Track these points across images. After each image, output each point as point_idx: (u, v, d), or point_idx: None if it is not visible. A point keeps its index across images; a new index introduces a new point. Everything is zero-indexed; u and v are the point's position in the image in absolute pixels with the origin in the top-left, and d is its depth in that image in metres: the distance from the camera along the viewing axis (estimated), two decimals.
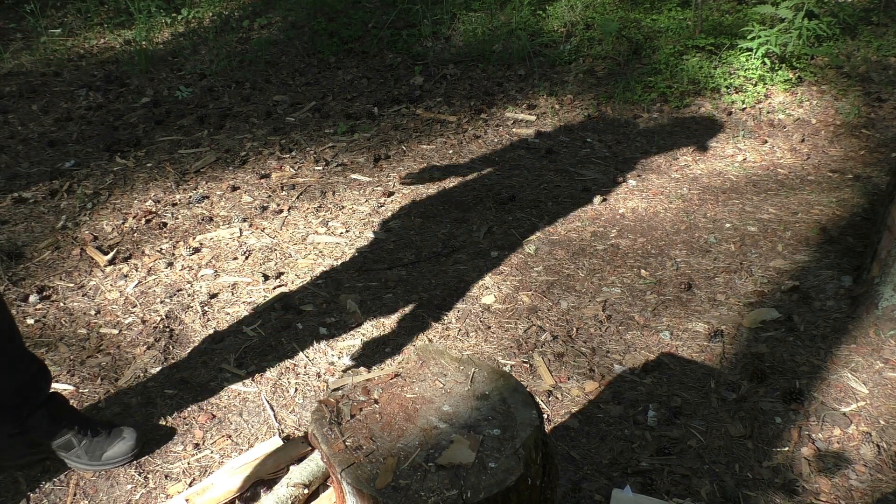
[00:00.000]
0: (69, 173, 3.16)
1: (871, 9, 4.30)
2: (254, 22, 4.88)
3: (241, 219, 2.84)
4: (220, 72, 4.15)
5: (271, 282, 2.48)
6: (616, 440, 1.84)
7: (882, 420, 1.87)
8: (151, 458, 1.84)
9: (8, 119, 3.68)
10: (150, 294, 2.43)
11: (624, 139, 3.41)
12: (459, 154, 3.31)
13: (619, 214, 2.82)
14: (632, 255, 2.58)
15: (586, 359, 2.12)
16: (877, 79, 3.73)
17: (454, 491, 1.02)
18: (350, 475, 1.06)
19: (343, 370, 2.11)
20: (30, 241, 2.70)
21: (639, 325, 2.24)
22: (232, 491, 1.71)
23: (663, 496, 1.68)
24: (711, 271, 2.47)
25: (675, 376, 2.04)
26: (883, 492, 1.68)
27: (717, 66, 3.82)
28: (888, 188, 2.26)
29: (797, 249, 2.55)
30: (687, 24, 4.17)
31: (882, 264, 2.15)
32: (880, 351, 2.09)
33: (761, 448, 1.81)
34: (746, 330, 2.20)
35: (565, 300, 2.35)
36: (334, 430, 1.14)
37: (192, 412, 1.97)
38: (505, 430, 1.12)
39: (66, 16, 5.17)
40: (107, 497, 1.74)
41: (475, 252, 2.61)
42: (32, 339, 2.22)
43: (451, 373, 1.25)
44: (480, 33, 4.33)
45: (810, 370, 2.04)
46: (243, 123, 3.60)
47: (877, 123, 3.40)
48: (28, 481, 1.77)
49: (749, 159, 3.18)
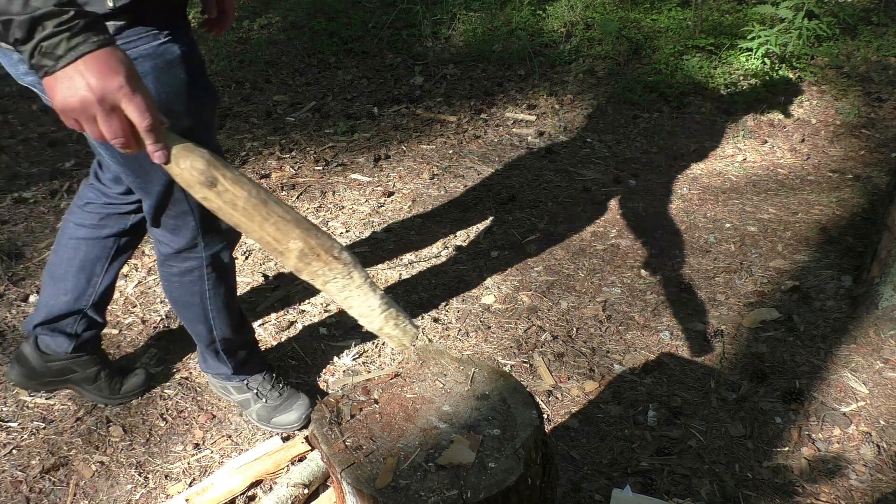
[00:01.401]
0: (69, 173, 3.16)
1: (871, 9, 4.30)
2: (254, 22, 4.88)
3: None
4: (220, 72, 4.15)
5: (271, 282, 2.48)
6: (616, 440, 1.84)
7: (882, 420, 1.87)
8: (151, 459, 1.84)
9: (8, 119, 3.68)
10: (150, 294, 2.43)
11: (624, 139, 3.41)
12: (459, 154, 3.31)
13: (619, 214, 2.82)
14: (632, 255, 2.58)
15: (586, 359, 2.12)
16: (877, 79, 3.73)
17: (454, 491, 1.02)
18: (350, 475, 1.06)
19: (343, 370, 2.11)
20: (30, 241, 2.70)
21: (639, 325, 2.24)
22: (232, 491, 1.71)
23: (663, 496, 1.68)
24: (711, 271, 2.47)
25: (675, 376, 2.04)
26: (883, 492, 1.68)
27: (717, 66, 3.82)
28: (888, 188, 2.26)
29: (797, 249, 2.55)
30: (687, 24, 4.17)
31: (882, 264, 2.15)
32: (880, 351, 2.09)
33: (761, 448, 1.81)
34: (746, 330, 2.19)
35: (565, 300, 2.35)
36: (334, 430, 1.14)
37: (192, 412, 1.97)
38: (505, 430, 1.12)
39: None
40: (107, 497, 1.74)
41: (475, 252, 2.61)
42: None
43: (451, 373, 1.25)
44: (480, 33, 4.33)
45: (810, 370, 2.04)
46: (243, 123, 3.60)
47: (877, 123, 3.40)
48: (28, 481, 1.77)
49: (749, 159, 3.18)
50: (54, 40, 0.93)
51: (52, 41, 0.93)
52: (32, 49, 0.93)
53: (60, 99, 0.96)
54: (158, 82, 1.30)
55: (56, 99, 0.96)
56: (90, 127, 0.98)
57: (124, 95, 0.96)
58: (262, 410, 1.90)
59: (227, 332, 1.78)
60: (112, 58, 0.96)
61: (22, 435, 1.90)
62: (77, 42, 0.94)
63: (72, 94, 0.95)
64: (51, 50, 0.93)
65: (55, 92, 0.96)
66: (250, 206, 1.05)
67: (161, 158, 1.01)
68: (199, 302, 1.69)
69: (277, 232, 1.06)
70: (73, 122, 0.99)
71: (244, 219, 1.05)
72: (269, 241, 1.07)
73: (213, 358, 1.85)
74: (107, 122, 0.97)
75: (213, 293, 1.69)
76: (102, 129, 0.98)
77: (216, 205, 1.05)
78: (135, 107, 0.97)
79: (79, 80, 0.94)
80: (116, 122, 0.98)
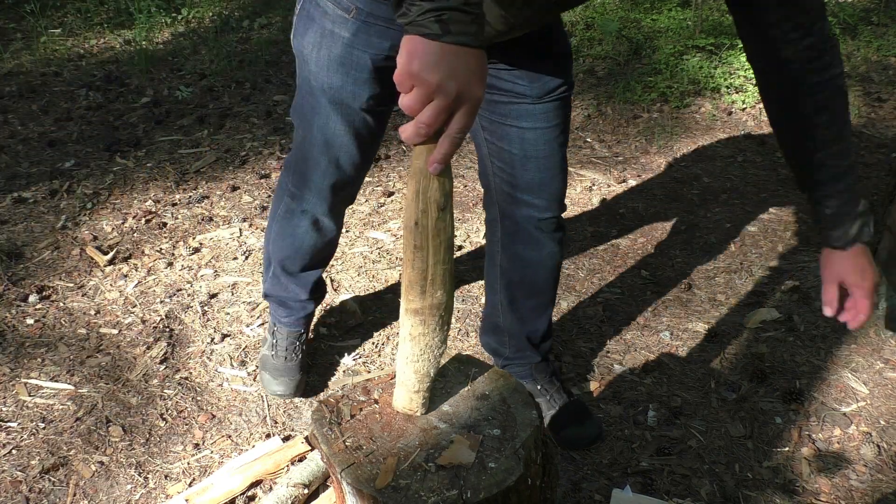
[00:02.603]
0: (69, 173, 3.16)
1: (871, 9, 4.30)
2: (254, 22, 4.88)
3: (241, 219, 2.84)
4: (220, 72, 4.15)
5: None
6: (616, 440, 1.84)
7: (882, 420, 1.87)
8: (151, 459, 1.84)
9: (8, 119, 3.68)
10: (150, 294, 2.43)
11: (624, 139, 3.41)
12: (459, 154, 3.31)
13: (618, 214, 2.82)
14: (632, 255, 2.58)
15: (586, 359, 2.12)
16: (877, 79, 3.73)
17: (454, 491, 1.02)
18: (350, 475, 1.06)
19: (343, 370, 2.11)
20: (30, 241, 2.70)
21: (639, 325, 2.24)
22: (232, 491, 1.71)
23: (663, 496, 1.68)
24: (711, 271, 2.47)
25: (675, 376, 2.04)
26: (883, 492, 1.68)
27: (717, 66, 3.82)
28: (888, 188, 2.26)
29: (797, 249, 2.55)
30: (687, 24, 4.17)
31: (882, 265, 2.15)
32: (880, 351, 2.09)
33: (761, 448, 1.81)
34: (746, 330, 2.19)
35: (565, 300, 2.35)
36: (334, 430, 1.14)
37: (192, 412, 1.97)
38: (505, 430, 1.12)
39: (66, 16, 5.17)
40: (106, 497, 1.74)
41: (475, 252, 2.61)
42: (32, 339, 2.23)
43: (450, 373, 1.25)
44: None
45: (810, 370, 2.04)
46: (243, 123, 3.60)
47: (877, 123, 3.40)
48: (28, 481, 1.77)
49: (749, 159, 3.18)
50: (454, 14, 0.88)
51: (452, 14, 0.87)
52: (432, 7, 0.87)
53: (419, 66, 0.89)
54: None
55: (412, 63, 0.89)
56: (416, 102, 0.91)
57: (472, 107, 0.92)
58: (265, 359, 2.03)
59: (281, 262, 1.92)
60: (485, 67, 0.93)
61: (22, 435, 1.90)
62: (470, 30, 0.89)
63: (437, 71, 0.88)
64: (445, 19, 0.87)
65: (417, 56, 0.89)
66: (444, 245, 1.05)
67: (436, 171, 0.97)
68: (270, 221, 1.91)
69: (440, 278, 1.07)
70: (407, 87, 0.91)
71: (432, 249, 1.04)
72: (428, 278, 1.06)
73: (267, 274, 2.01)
74: (438, 111, 0.91)
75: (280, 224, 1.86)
76: (427, 110, 0.92)
77: (426, 223, 1.03)
78: (467, 121, 0.93)
79: (453, 64, 0.89)
80: (444, 117, 0.92)
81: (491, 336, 1.92)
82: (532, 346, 1.86)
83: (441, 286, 1.09)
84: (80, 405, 1.99)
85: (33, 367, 2.12)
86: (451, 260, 1.08)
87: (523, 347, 1.86)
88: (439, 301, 1.11)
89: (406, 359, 1.16)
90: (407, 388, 1.16)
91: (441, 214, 1.03)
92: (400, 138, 3.44)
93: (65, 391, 2.04)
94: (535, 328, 1.84)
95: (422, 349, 1.15)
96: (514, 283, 1.79)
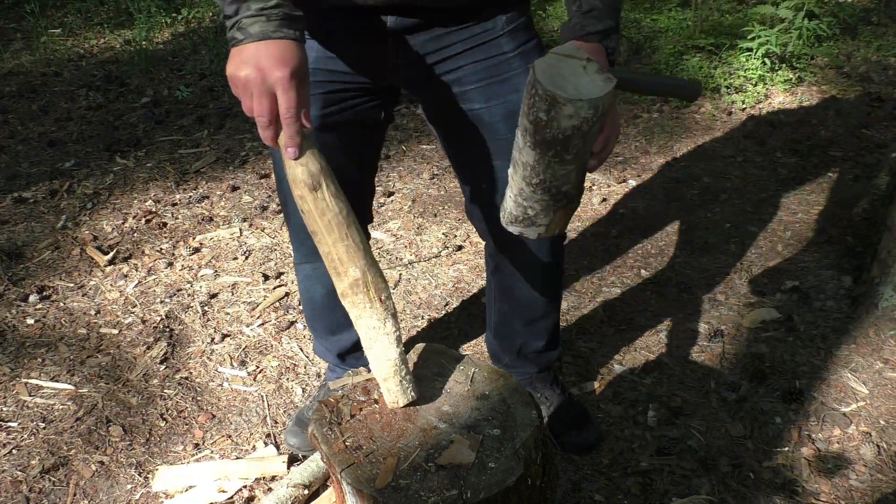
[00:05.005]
0: (69, 173, 3.16)
1: (871, 9, 4.30)
2: None
3: (241, 219, 2.84)
4: (220, 72, 4.15)
5: (271, 282, 2.48)
6: (616, 440, 1.84)
7: (882, 420, 1.87)
8: (151, 459, 1.84)
9: (8, 119, 3.68)
10: (150, 294, 2.43)
11: (624, 139, 3.41)
12: None
13: (618, 214, 2.82)
14: (632, 255, 2.58)
15: (586, 359, 2.12)
16: (877, 79, 3.73)
17: (454, 491, 1.02)
18: (350, 475, 1.06)
19: None
20: (30, 241, 2.70)
21: (639, 325, 2.24)
22: (230, 492, 1.71)
23: (663, 496, 1.68)
24: (711, 271, 2.47)
25: (675, 376, 2.04)
26: (883, 492, 1.68)
27: (717, 66, 3.82)
28: (888, 188, 2.26)
29: (797, 249, 2.55)
30: (687, 24, 4.17)
31: (882, 264, 2.15)
32: (880, 351, 2.09)
33: (761, 448, 1.81)
34: (746, 330, 2.19)
35: (565, 300, 2.35)
36: (334, 430, 1.14)
37: (192, 412, 1.97)
38: (505, 430, 1.12)
39: (66, 16, 5.17)
40: (107, 497, 1.74)
41: (475, 252, 2.61)
42: (32, 339, 2.23)
43: (450, 373, 1.25)
44: None
45: (810, 370, 2.03)
46: (243, 123, 3.60)
47: (877, 123, 3.40)
48: (28, 481, 1.77)
49: (749, 159, 3.18)
50: (252, 20, 1.04)
51: (250, 20, 1.04)
52: (234, 23, 1.05)
53: (232, 68, 1.05)
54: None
55: (228, 68, 1.06)
56: (245, 101, 1.06)
57: (282, 86, 1.04)
58: (308, 407, 1.90)
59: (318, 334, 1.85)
60: (289, 51, 1.05)
61: (22, 435, 1.90)
62: (268, 28, 1.04)
63: (242, 67, 1.04)
64: (246, 27, 1.04)
65: (231, 61, 1.06)
66: (335, 223, 1.11)
67: (293, 154, 1.09)
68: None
69: (345, 254, 1.13)
70: (236, 92, 1.07)
71: (324, 230, 1.12)
72: (335, 258, 1.13)
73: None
74: (259, 100, 1.05)
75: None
76: (254, 105, 1.06)
77: (308, 207, 1.11)
78: (286, 99, 1.05)
79: (253, 58, 1.03)
80: (266, 104, 1.05)
81: (492, 340, 1.88)
82: (528, 360, 1.82)
83: (351, 262, 1.13)
84: (81, 405, 1.99)
85: (33, 367, 2.12)
86: (354, 234, 1.13)
87: (521, 359, 1.82)
88: (355, 277, 1.13)
89: (366, 351, 1.17)
90: (380, 379, 1.17)
91: (316, 195, 1.09)
92: (399, 138, 3.45)
93: (65, 391, 2.04)
94: (527, 343, 1.78)
95: (368, 334, 1.17)
96: (503, 298, 1.75)
